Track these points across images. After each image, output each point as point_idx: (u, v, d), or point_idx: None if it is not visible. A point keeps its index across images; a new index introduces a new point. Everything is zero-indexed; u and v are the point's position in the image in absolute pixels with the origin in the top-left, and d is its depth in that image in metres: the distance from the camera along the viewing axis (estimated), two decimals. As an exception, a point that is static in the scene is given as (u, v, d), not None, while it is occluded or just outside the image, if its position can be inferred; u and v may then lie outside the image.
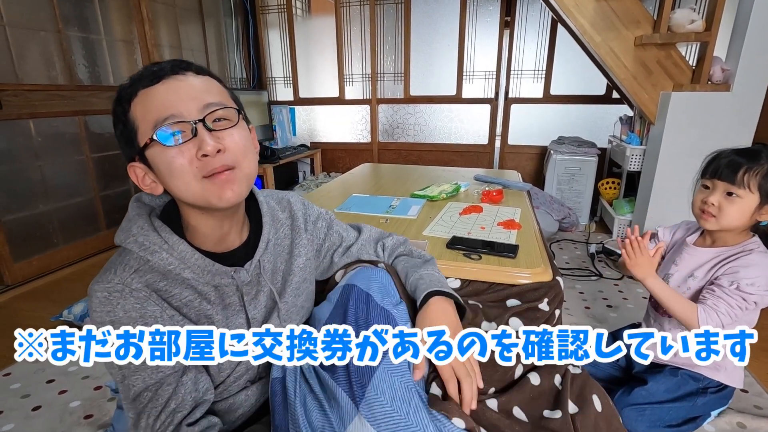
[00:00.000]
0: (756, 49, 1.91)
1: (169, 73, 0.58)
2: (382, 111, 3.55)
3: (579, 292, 1.89)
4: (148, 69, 0.59)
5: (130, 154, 0.60)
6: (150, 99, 0.57)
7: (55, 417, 1.17)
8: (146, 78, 0.58)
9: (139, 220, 0.63)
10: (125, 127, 0.59)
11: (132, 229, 0.62)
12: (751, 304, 0.94)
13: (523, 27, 3.11)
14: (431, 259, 0.88)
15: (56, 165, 2.13)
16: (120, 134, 0.60)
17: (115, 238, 0.64)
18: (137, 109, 0.58)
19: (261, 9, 3.53)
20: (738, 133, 2.02)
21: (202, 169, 0.58)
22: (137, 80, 0.59)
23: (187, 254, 0.63)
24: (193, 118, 0.57)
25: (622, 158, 2.51)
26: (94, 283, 0.60)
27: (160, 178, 0.60)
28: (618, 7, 2.09)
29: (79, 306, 1.58)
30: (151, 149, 0.58)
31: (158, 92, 0.58)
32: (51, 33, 2.08)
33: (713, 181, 0.99)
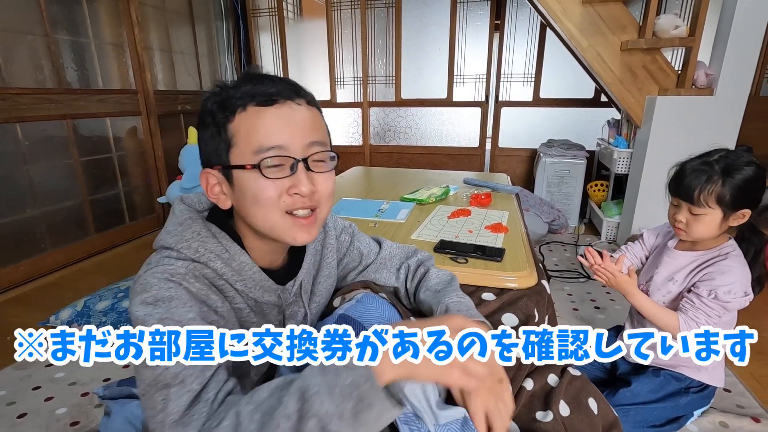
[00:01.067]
0: (738, 54, 1.95)
1: (284, 98, 0.56)
2: (373, 114, 3.57)
3: (567, 293, 1.91)
4: (263, 84, 0.56)
5: (210, 161, 0.59)
6: (260, 121, 0.55)
7: (41, 424, 1.16)
8: (261, 95, 0.55)
9: (194, 225, 0.60)
10: (218, 134, 0.57)
11: (185, 234, 0.59)
12: (730, 311, 0.97)
13: (513, 31, 3.14)
14: (453, 279, 0.85)
15: (44, 169, 2.12)
16: (209, 137, 0.58)
17: (161, 241, 0.60)
18: (242, 124, 0.55)
19: (252, 12, 3.53)
20: (721, 136, 2.06)
21: (288, 206, 0.58)
22: (250, 95, 0.55)
23: (246, 266, 0.62)
24: (298, 155, 0.57)
25: (610, 161, 2.54)
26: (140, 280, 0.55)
27: (237, 198, 0.58)
28: (604, 13, 2.12)
29: (66, 311, 1.57)
30: (244, 172, 0.56)
31: (269, 116, 0.56)
32: (39, 36, 2.06)
33: (677, 200, 1.03)
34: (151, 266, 0.57)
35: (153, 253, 0.61)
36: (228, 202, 0.60)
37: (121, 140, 2.57)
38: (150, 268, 0.57)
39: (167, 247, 0.59)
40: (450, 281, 0.84)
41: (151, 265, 0.57)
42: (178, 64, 2.98)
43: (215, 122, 0.57)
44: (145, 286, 0.54)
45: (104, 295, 1.64)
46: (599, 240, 2.59)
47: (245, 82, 0.57)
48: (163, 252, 0.59)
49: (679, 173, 1.02)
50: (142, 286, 0.55)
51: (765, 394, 1.27)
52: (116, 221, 2.55)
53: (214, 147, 0.58)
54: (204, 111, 0.59)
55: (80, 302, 1.60)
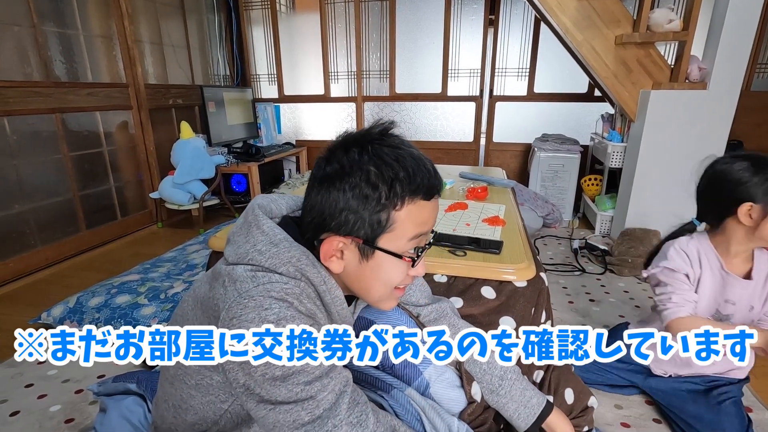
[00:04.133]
0: (730, 49, 1.96)
1: (439, 191, 0.61)
2: (368, 108, 3.55)
3: (563, 287, 1.92)
4: (429, 174, 0.58)
5: (350, 230, 0.57)
6: (420, 214, 0.59)
7: (34, 422, 1.14)
8: (427, 190, 0.58)
9: (292, 249, 0.58)
10: (376, 211, 0.57)
11: (282, 256, 0.57)
12: None
13: (507, 25, 3.14)
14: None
15: (33, 164, 2.07)
16: (362, 209, 0.56)
17: (250, 259, 0.57)
18: (407, 215, 0.58)
19: (244, 5, 3.49)
20: (714, 130, 2.08)
21: (401, 284, 0.63)
22: (422, 187, 0.58)
23: (338, 300, 0.62)
24: (426, 241, 0.62)
25: (604, 155, 2.56)
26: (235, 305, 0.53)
27: (362, 270, 0.60)
28: (599, 7, 2.12)
29: (58, 308, 1.55)
30: (389, 257, 0.59)
31: (427, 210, 0.60)
32: (25, 28, 2.02)
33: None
34: (258, 282, 0.54)
35: (236, 267, 0.57)
36: (341, 268, 0.60)
37: (112, 135, 2.52)
38: (258, 284, 0.54)
39: (261, 267, 0.57)
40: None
41: (257, 281, 0.54)
42: (170, 58, 2.93)
43: (378, 201, 0.56)
44: (261, 303, 0.53)
45: (97, 292, 1.61)
46: (593, 234, 2.60)
47: (415, 168, 0.57)
48: (252, 272, 0.56)
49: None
50: (258, 303, 0.53)
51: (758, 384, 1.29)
52: (107, 217, 2.51)
53: (365, 221, 0.57)
54: (362, 177, 0.56)
55: (72, 299, 1.58)
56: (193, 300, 0.64)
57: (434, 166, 0.60)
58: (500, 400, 0.81)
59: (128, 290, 1.62)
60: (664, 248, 1.08)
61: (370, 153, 0.57)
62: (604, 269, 2.10)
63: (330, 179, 0.57)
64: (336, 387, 0.55)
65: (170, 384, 0.66)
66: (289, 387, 0.52)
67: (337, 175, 0.57)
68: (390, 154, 0.57)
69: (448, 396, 0.78)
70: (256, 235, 0.59)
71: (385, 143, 0.58)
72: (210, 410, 0.64)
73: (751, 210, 0.93)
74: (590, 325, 1.57)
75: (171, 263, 1.97)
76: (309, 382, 0.53)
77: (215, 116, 2.88)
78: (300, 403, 0.53)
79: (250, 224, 0.61)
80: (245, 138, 3.25)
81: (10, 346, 1.48)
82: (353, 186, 0.56)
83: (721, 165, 0.98)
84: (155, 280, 1.73)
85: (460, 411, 0.79)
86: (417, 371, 0.77)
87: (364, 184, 0.56)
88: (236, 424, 0.64)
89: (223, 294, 0.55)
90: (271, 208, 0.66)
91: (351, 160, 0.57)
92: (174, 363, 0.63)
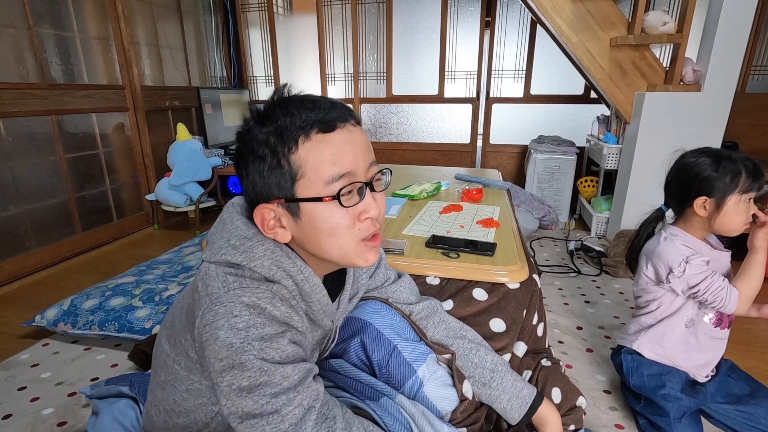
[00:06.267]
0: (725, 51, 1.97)
1: (342, 121, 0.55)
2: (365, 110, 3.55)
3: (558, 288, 1.92)
4: (320, 109, 0.54)
5: (267, 195, 0.56)
6: (326, 148, 0.54)
7: (26, 425, 1.14)
8: (322, 122, 0.54)
9: (265, 241, 0.58)
10: (279, 166, 0.54)
11: (256, 250, 0.56)
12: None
13: (504, 27, 3.15)
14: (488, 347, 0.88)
15: (28, 166, 2.07)
16: (266, 170, 0.55)
17: (226, 256, 0.56)
18: (309, 155, 0.53)
19: (241, 7, 3.49)
20: (709, 132, 2.08)
21: (363, 232, 0.58)
22: (311, 122, 0.53)
23: (317, 288, 0.61)
24: (364, 178, 0.57)
25: (600, 157, 2.56)
26: (209, 312, 0.52)
27: (304, 231, 0.57)
28: (594, 9, 2.13)
29: (52, 311, 1.54)
30: (317, 204, 0.55)
31: (335, 142, 0.54)
32: (21, 30, 2.01)
33: (751, 194, 1.01)
34: (229, 287, 0.53)
35: (211, 266, 0.56)
36: (288, 236, 0.58)
37: (108, 136, 2.52)
38: (228, 289, 0.53)
39: (236, 264, 0.56)
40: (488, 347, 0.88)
41: (228, 286, 0.54)
42: (166, 60, 2.93)
43: (274, 153, 0.54)
44: (231, 310, 0.52)
45: (91, 294, 1.61)
46: (589, 235, 2.61)
47: (299, 108, 0.54)
48: (229, 269, 0.56)
49: (754, 168, 0.99)
50: (228, 309, 0.52)
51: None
52: (103, 219, 2.51)
53: (275, 180, 0.55)
54: (255, 142, 0.55)
55: (67, 301, 1.57)
56: (181, 306, 0.64)
57: (331, 100, 0.57)
58: (492, 393, 0.82)
59: (123, 292, 1.62)
60: (667, 249, 1.08)
61: (257, 118, 0.56)
62: (599, 271, 2.10)
63: (237, 159, 0.59)
64: (304, 401, 0.54)
65: (162, 389, 0.67)
66: (254, 399, 0.51)
67: (239, 153, 0.58)
68: (274, 111, 0.55)
69: (441, 395, 0.79)
70: (229, 230, 0.59)
71: (273, 105, 0.57)
72: (202, 412, 0.64)
73: (705, 203, 1.02)
74: (585, 326, 1.58)
75: (166, 265, 1.97)
76: (275, 395, 0.52)
77: (212, 118, 2.88)
78: (265, 417, 0.51)
79: (225, 221, 0.62)
80: (242, 140, 3.25)
81: (3, 349, 1.48)
82: (249, 152, 0.56)
83: (688, 158, 1.06)
84: (150, 282, 1.73)
85: (453, 409, 0.79)
86: (411, 369, 0.77)
87: (256, 145, 0.55)
88: (227, 426, 0.65)
89: (198, 300, 0.55)
90: (247, 206, 0.66)
91: (244, 133, 0.57)
92: (165, 368, 0.64)
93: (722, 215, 1.01)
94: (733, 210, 1.00)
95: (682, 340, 1.11)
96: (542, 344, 1.06)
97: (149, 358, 1.23)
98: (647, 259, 1.13)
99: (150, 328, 1.44)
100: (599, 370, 1.34)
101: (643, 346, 1.14)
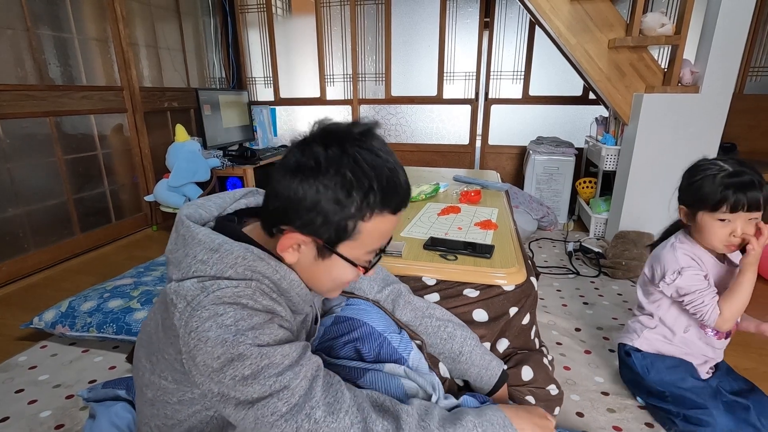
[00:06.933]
0: (723, 52, 1.98)
1: (405, 207, 0.61)
2: (363, 111, 3.55)
3: (557, 289, 1.92)
4: (402, 193, 0.58)
5: (312, 228, 0.56)
6: (385, 226, 0.59)
7: (24, 428, 1.13)
8: (396, 205, 0.58)
9: (234, 250, 0.57)
10: (347, 221, 0.56)
11: (226, 260, 0.56)
12: None
13: (502, 28, 3.15)
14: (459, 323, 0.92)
15: (26, 167, 2.07)
16: (331, 213, 0.55)
17: (196, 272, 0.55)
18: (373, 227, 0.57)
19: (240, 8, 3.49)
20: (707, 133, 2.09)
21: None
22: (393, 203, 0.57)
23: (296, 283, 0.61)
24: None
25: (598, 158, 2.57)
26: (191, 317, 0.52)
27: (315, 267, 0.61)
28: (592, 11, 2.14)
29: (50, 313, 1.54)
30: (344, 262, 0.60)
31: (392, 222, 0.60)
32: (19, 31, 2.01)
33: (734, 214, 0.96)
34: (208, 291, 0.53)
35: (183, 282, 0.55)
36: (295, 258, 0.60)
37: (107, 138, 2.52)
38: (208, 293, 0.53)
39: (207, 276, 0.55)
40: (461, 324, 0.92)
41: (207, 290, 0.53)
42: (165, 61, 2.93)
43: (349, 207, 0.55)
44: (216, 311, 0.52)
45: (89, 296, 1.61)
46: (588, 236, 2.61)
47: (392, 182, 0.56)
48: (201, 283, 0.55)
49: (741, 185, 0.93)
50: (211, 311, 0.52)
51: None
52: (102, 220, 2.51)
53: (329, 223, 0.56)
54: (338, 185, 0.54)
55: (64, 303, 1.57)
56: (154, 322, 0.63)
57: (407, 180, 0.59)
58: (462, 367, 0.86)
59: (121, 294, 1.62)
60: (667, 255, 1.09)
61: (349, 154, 0.54)
62: (598, 272, 2.10)
63: (303, 172, 0.55)
64: (308, 373, 0.56)
65: (151, 406, 0.66)
66: (261, 382, 0.52)
67: (310, 170, 0.54)
68: (368, 160, 0.55)
69: (428, 379, 0.81)
70: (193, 246, 0.58)
71: (365, 146, 0.56)
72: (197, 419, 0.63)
73: (684, 211, 1.07)
74: (583, 327, 1.58)
75: (165, 267, 1.96)
76: (280, 373, 0.53)
77: (211, 119, 2.88)
78: (275, 394, 0.53)
79: (185, 237, 0.59)
80: (241, 141, 3.25)
81: (1, 351, 1.48)
82: (326, 187, 0.54)
83: (698, 162, 1.05)
84: (149, 284, 1.73)
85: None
86: (402, 358, 0.79)
87: (339, 187, 0.54)
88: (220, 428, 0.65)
89: (177, 313, 0.54)
90: (200, 214, 0.65)
91: (328, 157, 0.54)
92: (152, 386, 0.63)
93: (699, 228, 1.02)
94: (708, 226, 0.99)
95: (682, 341, 1.12)
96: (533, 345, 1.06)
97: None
98: (650, 261, 1.15)
99: (148, 330, 1.44)
100: (598, 371, 1.34)
101: (646, 344, 1.16)
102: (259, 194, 0.75)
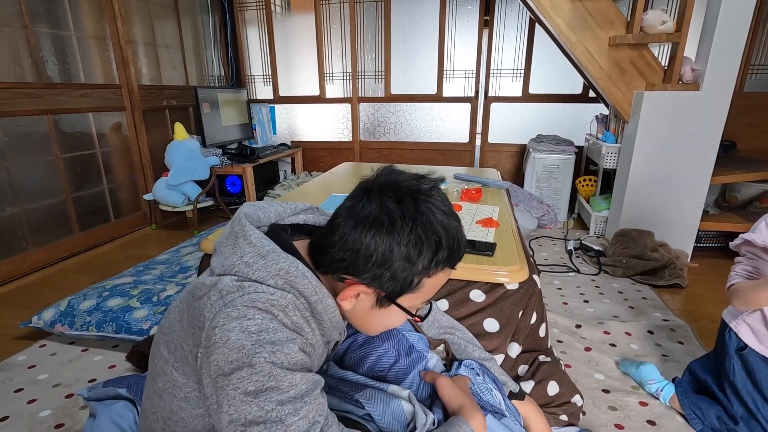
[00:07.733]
0: (723, 50, 1.97)
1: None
2: (363, 109, 3.54)
3: (557, 287, 1.92)
4: (462, 252, 0.61)
5: (376, 281, 0.58)
6: (442, 279, 0.61)
7: (23, 427, 1.13)
8: (456, 263, 0.61)
9: (280, 260, 0.57)
10: (413, 277, 0.57)
11: (270, 269, 0.56)
12: None
13: (502, 26, 3.14)
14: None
15: (24, 166, 2.06)
16: (407, 274, 0.57)
17: (238, 271, 0.56)
18: (434, 281, 0.60)
19: (239, 6, 3.47)
20: (707, 131, 2.08)
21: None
22: (453, 261, 0.60)
23: (330, 309, 0.60)
24: None
25: (598, 156, 2.56)
26: (220, 315, 0.52)
27: (371, 315, 0.62)
28: (593, 8, 2.13)
29: (49, 312, 1.53)
30: (400, 311, 0.61)
31: (449, 275, 0.62)
32: (17, 29, 2.00)
33: None
34: (244, 291, 0.54)
35: (223, 277, 0.56)
36: (351, 306, 0.61)
37: (105, 136, 2.51)
38: (243, 293, 0.53)
39: (249, 279, 0.56)
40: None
41: (243, 290, 0.54)
42: (163, 59, 2.92)
43: (418, 265, 0.57)
44: (245, 314, 0.52)
45: (89, 295, 1.60)
46: (588, 234, 2.61)
47: (457, 245, 0.59)
48: (239, 282, 0.55)
49: None
50: (241, 312, 0.52)
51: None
52: (101, 219, 2.50)
53: (396, 279, 0.57)
54: (416, 239, 0.56)
55: (64, 302, 1.57)
56: (179, 311, 0.62)
57: (465, 235, 0.62)
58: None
59: (120, 293, 1.61)
60: (760, 220, 1.00)
61: (422, 212, 0.56)
62: (598, 270, 2.10)
63: (374, 224, 0.56)
64: (309, 414, 0.52)
65: (159, 397, 0.65)
66: (260, 404, 0.50)
67: (382, 224, 0.55)
68: (439, 220, 0.56)
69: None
70: (243, 246, 0.58)
71: (434, 204, 0.57)
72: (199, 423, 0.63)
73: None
74: (584, 325, 1.58)
75: (164, 265, 1.96)
76: (282, 402, 0.50)
77: (210, 117, 2.87)
78: (268, 425, 0.50)
79: (237, 235, 0.60)
80: (240, 139, 3.24)
81: (0, 350, 1.47)
82: (399, 244, 0.55)
83: None
84: (148, 283, 1.72)
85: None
86: (422, 356, 0.79)
87: (412, 246, 0.55)
88: None
89: (209, 304, 0.54)
90: (258, 216, 0.65)
91: (402, 212, 0.55)
92: (164, 375, 0.63)
93: None
94: None
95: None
96: (544, 344, 1.06)
97: (147, 360, 1.22)
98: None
99: (148, 329, 1.43)
100: (598, 369, 1.34)
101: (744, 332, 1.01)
102: (318, 213, 0.74)
